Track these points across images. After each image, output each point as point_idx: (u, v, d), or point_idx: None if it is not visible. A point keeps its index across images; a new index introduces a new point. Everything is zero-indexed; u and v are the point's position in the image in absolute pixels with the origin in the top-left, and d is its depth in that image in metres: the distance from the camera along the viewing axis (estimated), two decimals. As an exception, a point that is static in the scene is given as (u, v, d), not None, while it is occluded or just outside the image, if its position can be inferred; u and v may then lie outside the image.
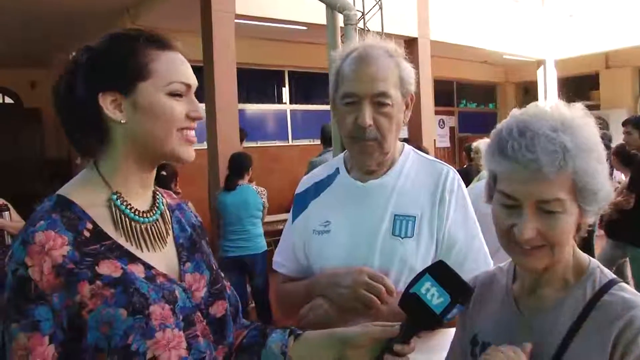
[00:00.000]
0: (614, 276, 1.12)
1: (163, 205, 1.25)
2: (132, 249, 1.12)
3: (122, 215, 1.13)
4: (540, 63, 11.78)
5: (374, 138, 1.52)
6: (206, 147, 6.51)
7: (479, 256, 1.57)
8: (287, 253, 1.73)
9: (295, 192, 1.77)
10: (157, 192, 1.26)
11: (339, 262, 1.54)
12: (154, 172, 1.22)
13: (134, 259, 1.10)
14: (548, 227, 1.04)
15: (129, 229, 1.14)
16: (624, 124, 5.04)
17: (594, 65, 12.46)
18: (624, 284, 1.10)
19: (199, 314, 1.17)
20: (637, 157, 4.95)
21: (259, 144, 9.51)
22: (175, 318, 1.10)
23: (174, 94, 1.14)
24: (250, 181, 5.41)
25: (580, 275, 1.12)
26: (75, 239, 1.04)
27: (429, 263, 1.50)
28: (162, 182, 5.25)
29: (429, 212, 1.55)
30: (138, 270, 1.09)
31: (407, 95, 1.58)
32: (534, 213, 1.04)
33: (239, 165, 5.21)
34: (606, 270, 1.13)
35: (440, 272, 1.13)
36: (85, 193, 1.12)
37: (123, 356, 1.02)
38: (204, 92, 6.23)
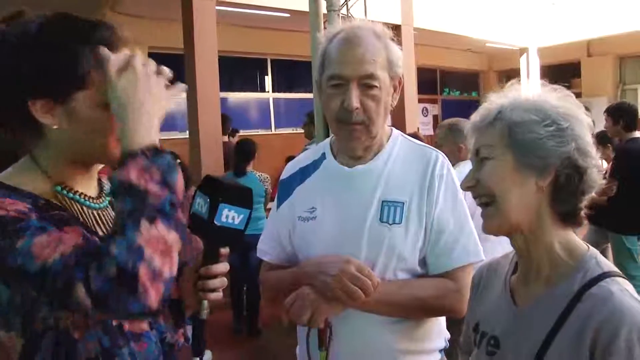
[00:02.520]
0: (612, 268, 1.08)
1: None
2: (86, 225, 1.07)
3: (72, 202, 1.08)
4: (523, 51, 11.83)
5: (361, 121, 1.48)
6: (187, 137, 6.45)
7: (469, 242, 1.54)
8: (272, 240, 1.69)
9: (280, 179, 1.73)
10: (102, 179, 1.21)
11: (325, 249, 1.51)
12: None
13: (91, 232, 1.05)
14: None
15: (82, 213, 1.09)
16: (605, 111, 5.11)
17: (575, 53, 12.53)
18: (619, 278, 1.06)
19: None
20: (613, 142, 5.10)
21: (242, 132, 9.44)
22: None
23: (105, 106, 1.04)
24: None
25: (573, 266, 1.10)
26: (35, 204, 0.98)
27: (418, 250, 1.51)
28: None
29: (418, 197, 1.52)
30: (91, 239, 1.03)
31: (396, 78, 1.54)
32: None
33: (247, 151, 5.30)
34: (604, 261, 1.10)
35: (204, 184, 1.14)
36: (26, 182, 1.04)
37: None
38: (185, 81, 6.14)
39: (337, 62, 1.49)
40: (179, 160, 1.14)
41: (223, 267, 1.16)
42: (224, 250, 1.16)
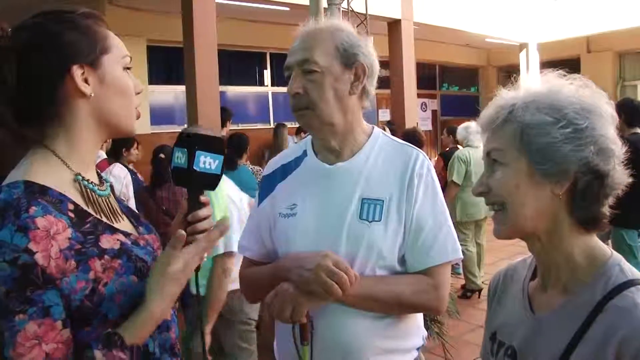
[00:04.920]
0: (636, 275, 1.00)
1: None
2: (107, 221, 1.14)
3: (90, 192, 1.14)
4: (523, 46, 11.81)
5: (305, 106, 1.51)
6: (187, 130, 6.42)
7: (448, 241, 1.55)
8: (253, 237, 1.69)
9: (262, 175, 1.74)
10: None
11: (305, 246, 1.51)
12: None
13: (114, 229, 1.13)
14: None
15: (98, 203, 1.15)
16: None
17: (575, 49, 12.52)
18: None
19: None
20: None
21: (240, 126, 9.41)
22: None
23: (126, 68, 1.18)
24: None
25: (594, 273, 1.02)
26: (71, 220, 1.04)
27: (397, 248, 1.52)
28: (162, 165, 5.15)
29: (398, 195, 1.53)
30: (122, 239, 1.12)
31: (353, 65, 1.54)
32: None
33: (238, 145, 5.27)
34: (628, 268, 1.02)
35: (179, 140, 1.23)
36: (48, 176, 1.08)
37: None
38: (185, 74, 6.12)
39: (288, 56, 1.58)
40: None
41: (207, 210, 1.23)
42: (204, 198, 1.25)
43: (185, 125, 6.44)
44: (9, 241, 0.95)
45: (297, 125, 7.48)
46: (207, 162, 1.21)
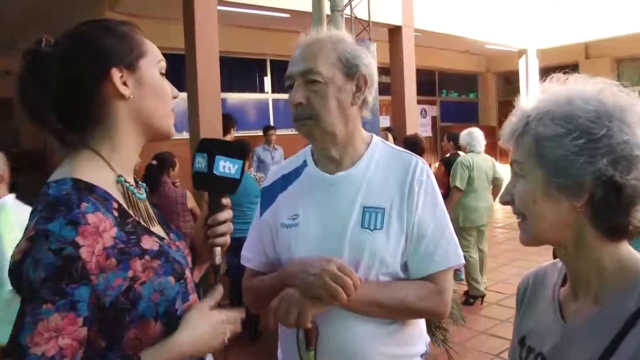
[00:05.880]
0: None
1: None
2: (144, 224, 1.17)
3: (131, 194, 1.18)
4: (522, 52, 11.84)
5: (308, 117, 1.51)
6: (188, 137, 6.41)
7: (449, 247, 1.55)
8: (256, 247, 1.69)
9: (262, 186, 1.74)
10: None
11: (308, 255, 1.51)
12: None
13: (150, 232, 1.16)
14: None
15: (137, 206, 1.19)
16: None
17: (574, 55, 12.57)
18: None
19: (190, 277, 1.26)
20: None
21: (241, 133, 9.41)
22: (193, 282, 1.22)
23: (161, 72, 1.23)
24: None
25: (626, 283, 0.98)
26: (116, 220, 1.08)
27: (399, 255, 1.52)
28: (153, 171, 5.14)
29: (399, 203, 1.53)
30: (160, 242, 1.16)
31: (355, 76, 1.54)
32: None
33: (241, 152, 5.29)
34: None
35: (199, 145, 1.30)
36: (94, 174, 1.12)
37: (167, 321, 1.11)
38: (186, 81, 6.11)
39: (289, 65, 1.58)
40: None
41: (227, 214, 1.30)
42: (225, 200, 1.30)
43: (187, 133, 6.42)
44: (57, 232, 0.98)
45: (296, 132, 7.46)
46: (226, 166, 1.27)
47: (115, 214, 1.09)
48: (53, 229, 0.98)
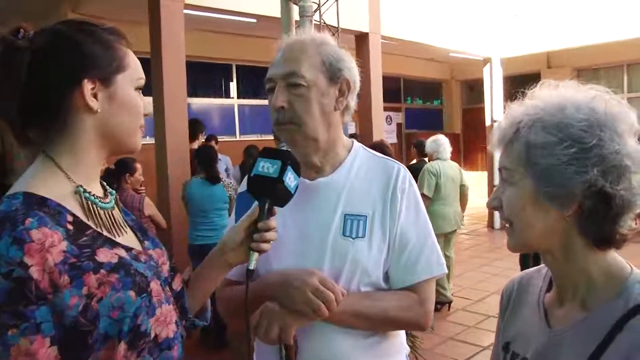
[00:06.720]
0: None
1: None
2: (107, 235, 1.13)
3: (91, 204, 1.12)
4: (486, 61, 12.02)
5: (289, 121, 1.46)
6: (154, 142, 6.28)
7: (432, 256, 1.53)
8: None
9: (239, 191, 1.69)
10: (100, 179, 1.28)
11: (288, 264, 1.47)
12: None
13: (114, 243, 1.11)
14: None
15: (99, 216, 1.14)
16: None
17: (536, 64, 12.81)
18: None
19: (167, 288, 1.21)
20: None
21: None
22: (164, 293, 1.15)
23: (137, 89, 1.18)
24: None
25: (614, 290, 0.98)
26: (67, 233, 1.02)
27: (382, 263, 1.49)
28: (110, 175, 5.06)
29: (381, 211, 1.50)
30: (122, 254, 1.10)
31: (339, 80, 1.51)
32: None
33: (208, 158, 5.32)
34: None
35: (265, 152, 1.33)
36: (49, 187, 1.07)
37: (132, 339, 1.04)
38: (152, 85, 5.99)
39: (270, 67, 1.52)
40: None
41: (275, 222, 1.32)
42: (276, 209, 1.33)
43: (150, 138, 6.30)
44: (5, 253, 0.94)
45: (263, 138, 7.38)
46: (291, 179, 1.31)
47: (70, 226, 1.04)
48: (0, 251, 0.94)
